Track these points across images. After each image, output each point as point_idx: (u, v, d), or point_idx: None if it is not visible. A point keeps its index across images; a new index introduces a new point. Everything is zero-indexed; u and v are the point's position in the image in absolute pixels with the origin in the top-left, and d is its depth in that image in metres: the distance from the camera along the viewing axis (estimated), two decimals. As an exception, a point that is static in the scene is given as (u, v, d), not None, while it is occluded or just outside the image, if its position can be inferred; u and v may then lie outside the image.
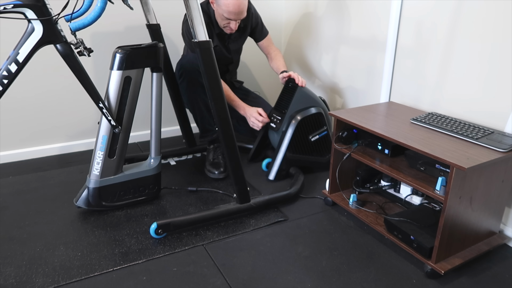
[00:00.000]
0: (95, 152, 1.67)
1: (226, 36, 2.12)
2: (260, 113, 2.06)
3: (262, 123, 2.05)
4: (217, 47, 2.11)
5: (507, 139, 1.40)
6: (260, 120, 2.04)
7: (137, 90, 1.67)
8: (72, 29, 1.46)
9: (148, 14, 1.94)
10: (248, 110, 2.07)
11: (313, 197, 1.90)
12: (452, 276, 1.40)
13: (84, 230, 1.63)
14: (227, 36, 2.12)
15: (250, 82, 2.79)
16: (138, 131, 2.53)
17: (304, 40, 2.61)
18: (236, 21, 1.97)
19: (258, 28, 2.23)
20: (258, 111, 2.06)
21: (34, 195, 1.89)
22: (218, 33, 2.08)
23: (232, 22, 1.97)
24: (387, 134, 1.49)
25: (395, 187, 1.75)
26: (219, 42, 2.11)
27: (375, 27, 2.04)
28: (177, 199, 1.86)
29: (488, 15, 1.51)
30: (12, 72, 1.44)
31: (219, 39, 2.10)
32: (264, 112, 2.07)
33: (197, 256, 1.49)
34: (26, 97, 2.20)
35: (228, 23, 1.98)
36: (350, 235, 1.62)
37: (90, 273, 1.39)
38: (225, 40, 2.13)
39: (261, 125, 2.05)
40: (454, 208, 1.33)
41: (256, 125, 2.06)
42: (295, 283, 1.36)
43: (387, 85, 1.99)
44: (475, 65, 1.59)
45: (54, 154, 2.35)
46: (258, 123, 2.05)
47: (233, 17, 1.93)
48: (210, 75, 1.52)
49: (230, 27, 1.99)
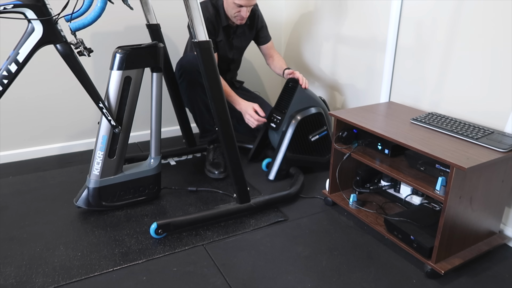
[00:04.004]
0: (95, 152, 1.68)
1: (232, 30, 2.12)
2: (255, 109, 2.02)
3: (257, 122, 2.01)
4: (221, 42, 2.11)
5: (507, 139, 1.40)
6: (256, 118, 2.01)
7: (137, 90, 1.67)
8: (72, 29, 1.46)
9: (148, 14, 1.94)
10: (243, 106, 2.04)
11: (313, 197, 1.90)
12: (452, 276, 1.40)
13: (84, 230, 1.63)
14: (232, 31, 2.12)
15: (250, 82, 2.79)
16: (138, 131, 2.53)
17: (304, 40, 2.61)
18: (246, 9, 1.97)
19: (263, 31, 2.24)
20: (254, 107, 2.02)
21: (34, 195, 1.89)
22: (225, 27, 2.08)
23: (243, 9, 1.96)
24: (387, 134, 1.49)
25: (395, 187, 1.75)
26: (224, 36, 2.10)
27: (375, 27, 2.04)
28: (177, 199, 1.86)
29: (488, 15, 1.51)
30: (12, 72, 1.44)
31: (224, 33, 2.10)
32: (259, 108, 2.03)
33: (197, 256, 1.49)
34: (26, 97, 2.20)
35: (239, 11, 1.98)
36: (350, 235, 1.62)
37: (90, 273, 1.39)
38: (230, 34, 2.13)
39: (256, 123, 2.01)
40: (454, 208, 1.33)
41: (251, 122, 2.02)
42: (295, 283, 1.36)
43: (387, 85, 1.99)
44: (475, 65, 1.59)
45: (54, 154, 2.35)
46: (254, 121, 2.01)
47: (244, 2, 1.93)
48: (210, 75, 1.52)
49: (241, 15, 1.99)
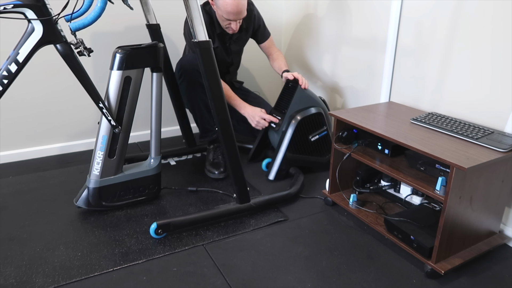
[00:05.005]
0: (95, 152, 1.68)
1: (227, 36, 2.11)
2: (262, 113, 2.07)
3: (267, 121, 2.06)
4: (218, 48, 2.11)
5: (507, 139, 1.40)
6: (267, 118, 2.05)
7: (137, 90, 1.67)
8: (72, 29, 1.46)
9: (148, 14, 1.94)
10: (249, 110, 2.07)
11: (313, 197, 1.90)
12: (452, 276, 1.40)
13: (84, 230, 1.63)
14: (228, 37, 2.12)
15: (250, 82, 2.79)
16: (138, 131, 2.53)
17: (304, 40, 2.61)
18: (236, 21, 1.97)
19: (261, 30, 2.23)
20: (261, 111, 2.07)
21: (34, 195, 1.89)
22: (219, 34, 2.08)
23: (233, 22, 1.97)
24: (387, 134, 1.49)
25: (395, 187, 1.75)
26: (219, 43, 2.11)
27: (375, 27, 2.04)
28: (177, 199, 1.86)
29: (488, 14, 1.51)
30: (12, 72, 1.44)
31: (220, 40, 2.10)
32: (265, 112, 2.08)
33: (197, 256, 1.49)
34: (26, 97, 2.20)
35: (229, 24, 1.98)
36: (350, 235, 1.62)
37: (90, 273, 1.39)
38: (226, 41, 2.13)
39: (267, 124, 2.06)
40: (454, 208, 1.33)
41: (261, 125, 2.06)
42: (295, 283, 1.36)
43: (387, 85, 1.99)
44: (475, 65, 1.59)
45: (54, 154, 2.35)
46: (264, 122, 2.05)
47: (232, 17, 1.93)
48: (210, 75, 1.52)
49: (231, 27, 1.99)
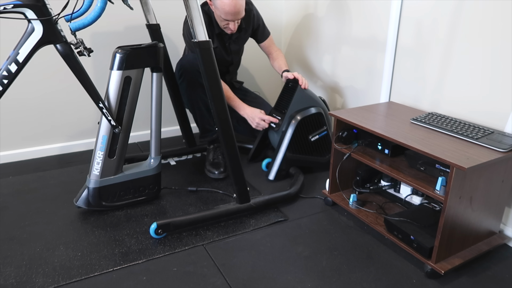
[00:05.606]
0: (95, 152, 1.68)
1: (227, 36, 2.11)
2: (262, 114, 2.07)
3: (267, 122, 2.06)
4: (217, 48, 2.11)
5: (507, 139, 1.40)
6: (266, 119, 2.05)
7: (137, 90, 1.67)
8: (72, 29, 1.46)
9: (148, 14, 1.94)
10: (249, 112, 2.08)
11: (313, 197, 1.90)
12: (452, 276, 1.40)
13: (84, 230, 1.63)
14: (227, 37, 2.12)
15: (250, 82, 2.79)
16: (138, 131, 2.53)
17: (304, 40, 2.61)
18: (234, 22, 1.97)
19: (260, 29, 2.22)
20: (261, 112, 2.07)
21: (34, 195, 1.89)
22: (218, 34, 2.07)
23: (231, 22, 1.97)
24: (387, 134, 1.49)
25: (395, 187, 1.75)
26: (219, 43, 2.11)
27: (375, 27, 2.04)
28: (177, 199, 1.86)
29: (488, 14, 1.51)
30: (12, 72, 1.44)
31: (219, 40, 2.10)
32: (264, 113, 2.09)
33: (197, 256, 1.49)
34: (26, 97, 2.20)
35: (227, 24, 1.98)
36: (350, 235, 1.62)
37: (90, 273, 1.39)
38: (225, 41, 2.13)
39: (267, 125, 2.07)
40: (454, 208, 1.33)
41: (261, 126, 2.07)
42: (295, 283, 1.36)
43: (387, 85, 1.99)
44: (475, 65, 1.59)
45: (54, 154, 2.35)
46: (265, 123, 2.06)
47: (230, 17, 1.93)
48: (210, 75, 1.52)
49: (229, 27, 1.99)
